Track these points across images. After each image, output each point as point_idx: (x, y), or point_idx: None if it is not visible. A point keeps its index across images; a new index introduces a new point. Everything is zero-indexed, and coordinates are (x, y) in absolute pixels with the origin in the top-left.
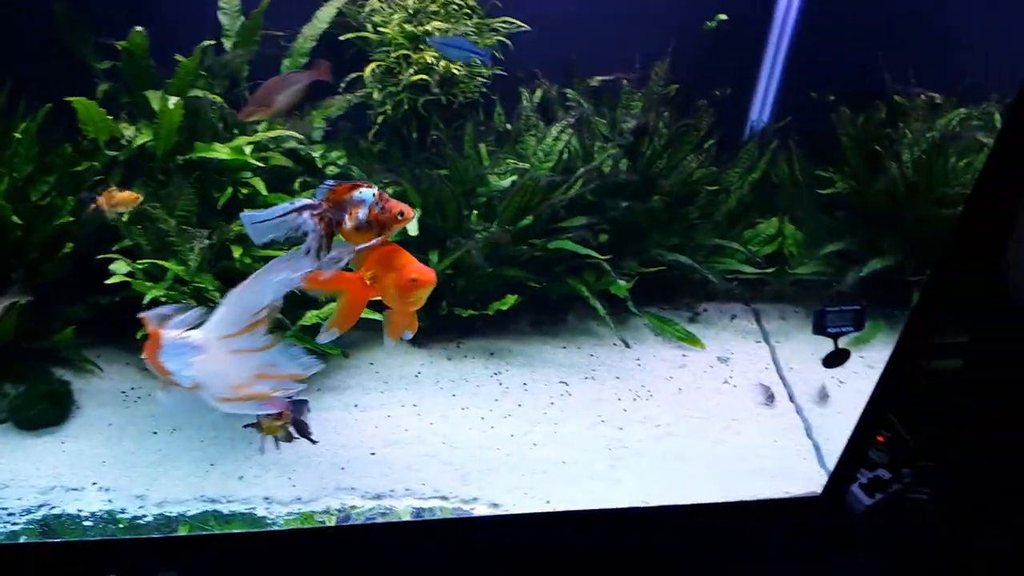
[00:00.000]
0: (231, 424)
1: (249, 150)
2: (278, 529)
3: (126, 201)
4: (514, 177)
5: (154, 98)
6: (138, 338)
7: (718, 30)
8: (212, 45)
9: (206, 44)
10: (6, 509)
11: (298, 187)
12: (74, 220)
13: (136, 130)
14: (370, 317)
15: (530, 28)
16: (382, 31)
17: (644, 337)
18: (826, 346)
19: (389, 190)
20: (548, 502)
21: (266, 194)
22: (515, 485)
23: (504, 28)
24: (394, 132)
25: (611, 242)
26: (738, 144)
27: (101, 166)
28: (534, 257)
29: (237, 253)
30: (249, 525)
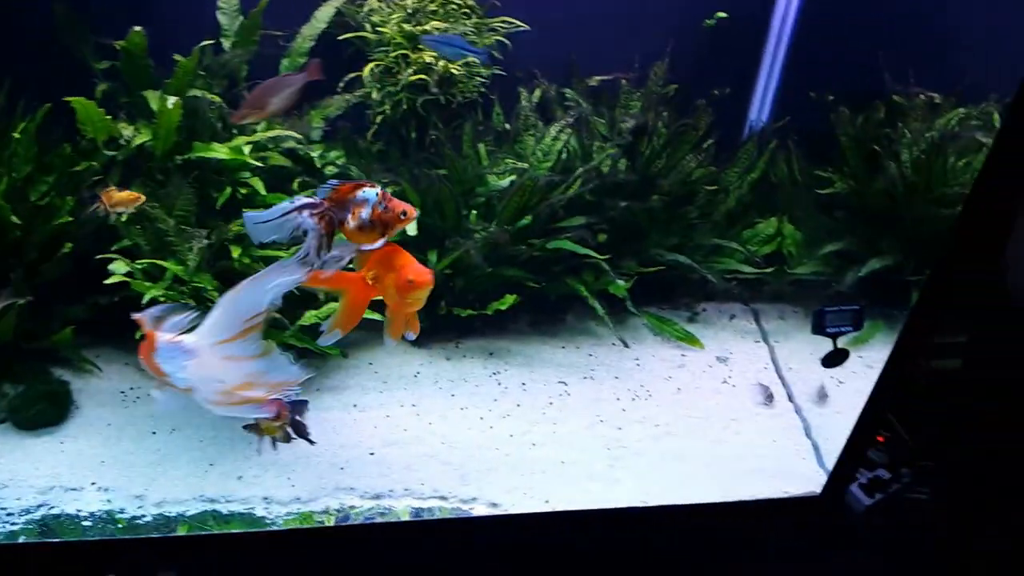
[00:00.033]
0: (230, 424)
1: (248, 150)
2: (277, 529)
3: (127, 201)
4: (513, 177)
5: (153, 98)
6: (137, 338)
7: (717, 30)
8: (211, 45)
9: (205, 44)
10: (5, 509)
11: (297, 187)
12: (73, 220)
13: (135, 130)
14: (369, 317)
15: (529, 28)
16: (381, 31)
17: (643, 337)
18: (825, 346)
19: (388, 190)
20: (547, 502)
21: (265, 194)
22: (514, 485)
23: (503, 28)
24: (393, 132)
25: (610, 242)
26: (737, 144)
27: (100, 166)
28: (533, 257)
29: (236, 253)
30: (248, 525)
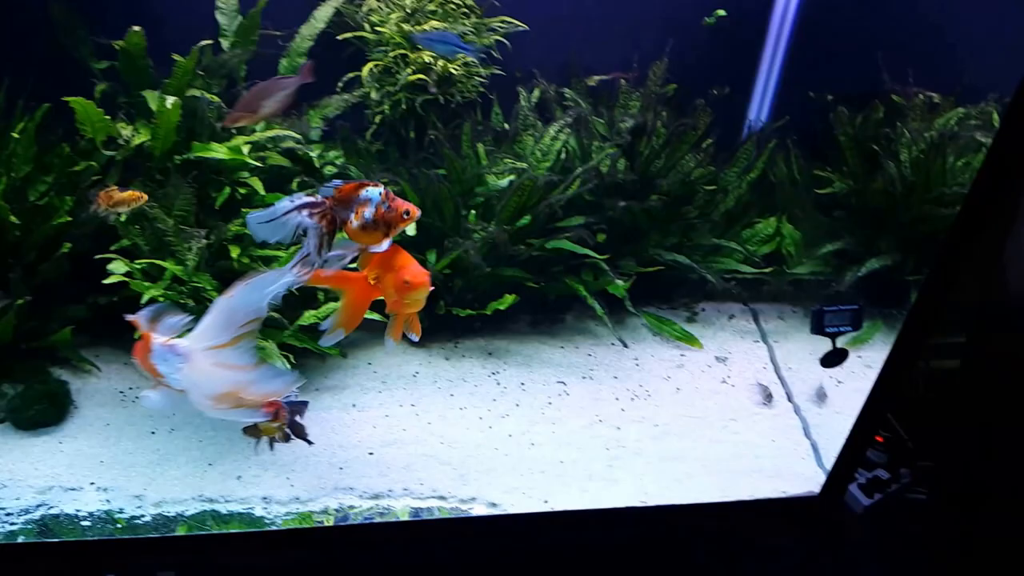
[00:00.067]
0: (229, 424)
1: (247, 150)
2: (276, 529)
3: (129, 200)
4: (512, 177)
5: (152, 98)
6: (135, 338)
7: (716, 29)
8: (209, 45)
9: (203, 44)
10: (4, 509)
11: (296, 187)
12: (72, 220)
13: (134, 130)
14: (369, 317)
15: (528, 28)
16: (379, 31)
17: (642, 337)
18: (824, 346)
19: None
20: (546, 502)
21: (264, 194)
22: (513, 485)
23: (502, 28)
24: (392, 132)
25: (609, 242)
26: (736, 144)
27: (98, 166)
28: (532, 257)
29: (235, 253)
30: (247, 525)
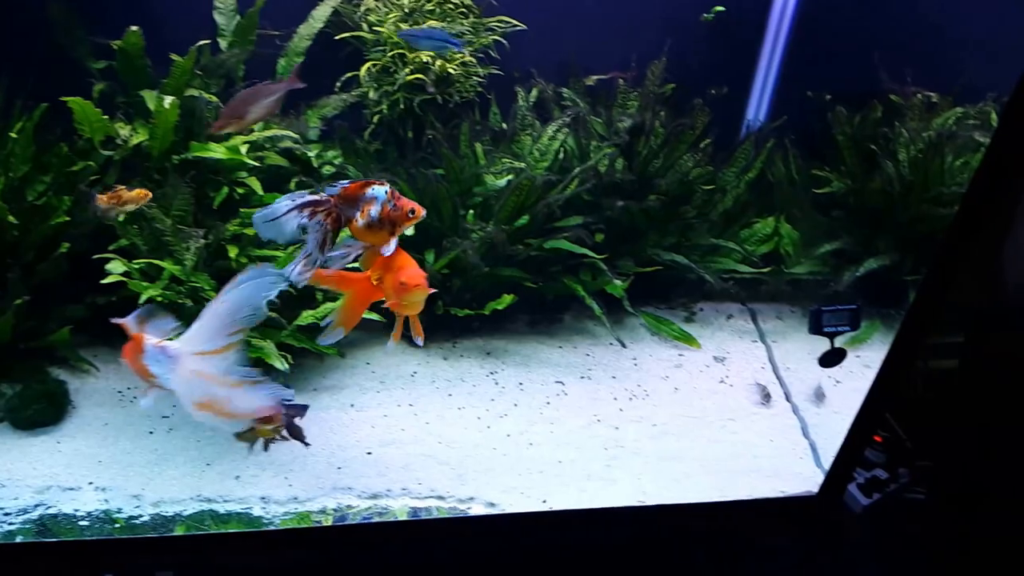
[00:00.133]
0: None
1: (245, 149)
2: (274, 529)
3: (136, 199)
4: (510, 176)
5: (150, 98)
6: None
7: (714, 29)
8: (207, 44)
9: (202, 44)
10: (2, 509)
11: (294, 187)
12: (70, 220)
13: (132, 130)
14: (367, 317)
15: (526, 27)
16: (377, 30)
17: (640, 337)
18: (822, 345)
19: None
20: (544, 501)
21: (262, 194)
22: (511, 485)
23: (500, 27)
24: (390, 131)
25: (607, 242)
26: (734, 143)
27: (97, 166)
28: (530, 257)
29: (233, 253)
30: (246, 525)
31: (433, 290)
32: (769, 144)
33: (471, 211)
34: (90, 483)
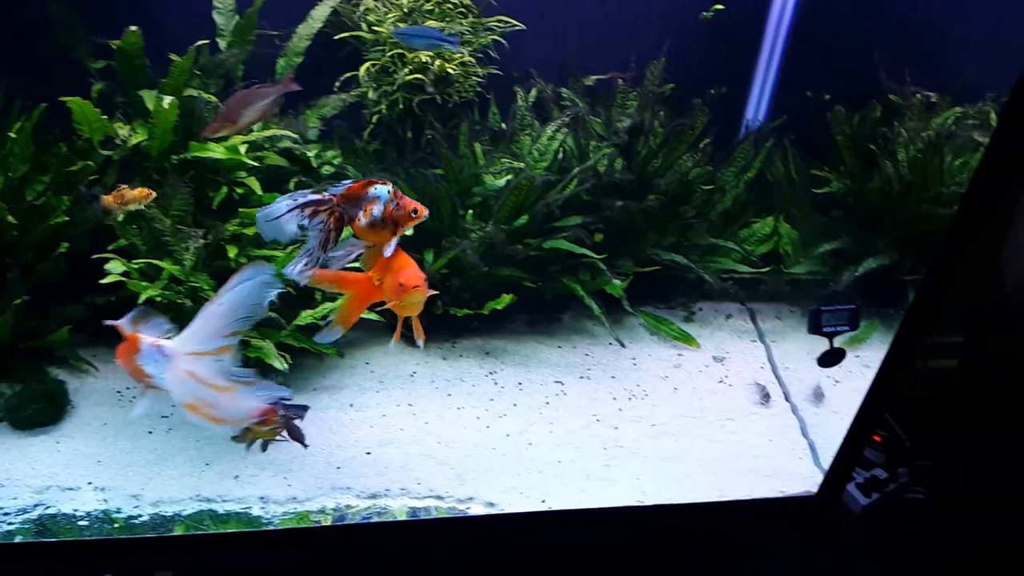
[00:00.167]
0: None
1: (244, 149)
2: (273, 529)
3: (139, 198)
4: (509, 176)
5: (149, 98)
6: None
7: (713, 29)
8: (207, 44)
9: (201, 43)
10: (2, 509)
11: (293, 187)
12: (69, 220)
13: (131, 130)
14: (366, 317)
15: (525, 27)
16: (377, 30)
17: (639, 336)
18: (821, 345)
19: None
20: (543, 501)
21: (261, 193)
22: (510, 484)
23: (499, 27)
24: (389, 131)
25: (606, 241)
26: (734, 143)
27: (96, 166)
28: (529, 256)
29: (232, 252)
30: (245, 525)
31: (433, 292)
32: (768, 144)
33: (470, 211)
34: (89, 483)
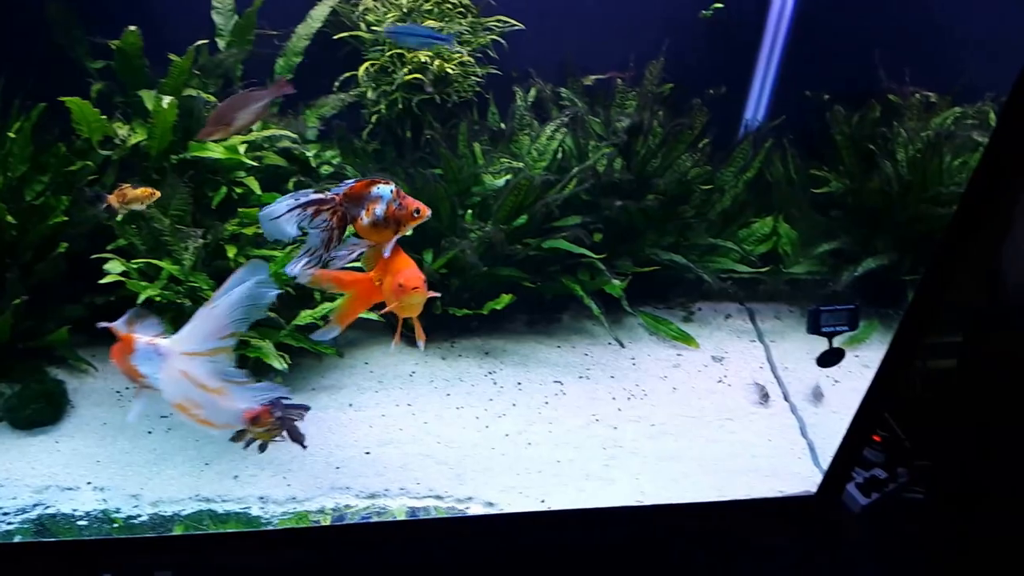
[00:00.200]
0: None
1: (243, 149)
2: (273, 528)
3: (142, 197)
4: (508, 176)
5: (148, 98)
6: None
7: (713, 29)
8: (206, 44)
9: (200, 43)
10: (1, 509)
11: (292, 187)
12: (68, 220)
13: (130, 130)
14: (365, 317)
15: (524, 27)
16: (376, 30)
17: (639, 336)
18: (821, 345)
19: None
20: (543, 501)
21: (260, 193)
22: (510, 484)
23: (498, 27)
24: (388, 131)
25: (605, 241)
26: (733, 143)
27: (95, 166)
28: (529, 256)
29: (231, 252)
30: (244, 525)
31: (433, 294)
32: (767, 144)
33: (469, 211)
34: (88, 483)
